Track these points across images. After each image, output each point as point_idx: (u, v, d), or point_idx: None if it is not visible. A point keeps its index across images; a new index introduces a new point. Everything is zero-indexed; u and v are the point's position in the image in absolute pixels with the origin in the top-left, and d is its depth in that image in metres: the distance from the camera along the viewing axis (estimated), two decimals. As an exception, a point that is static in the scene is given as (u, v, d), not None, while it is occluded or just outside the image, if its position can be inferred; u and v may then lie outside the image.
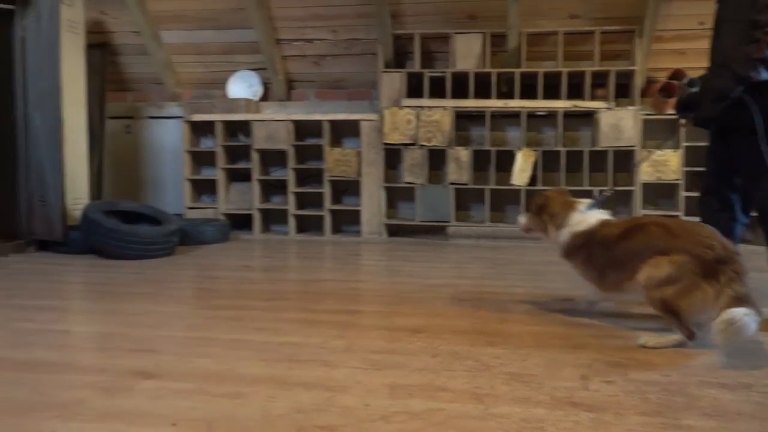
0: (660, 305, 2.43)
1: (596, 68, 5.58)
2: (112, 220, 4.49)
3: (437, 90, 5.77)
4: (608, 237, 2.66)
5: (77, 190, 4.93)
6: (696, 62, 5.58)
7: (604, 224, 2.76)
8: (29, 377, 1.98)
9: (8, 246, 4.67)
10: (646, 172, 5.48)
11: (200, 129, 6.39)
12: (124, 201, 5.24)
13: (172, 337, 2.46)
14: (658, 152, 4.35)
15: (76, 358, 2.18)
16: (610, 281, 2.68)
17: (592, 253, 2.71)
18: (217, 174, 6.12)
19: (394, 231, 6.07)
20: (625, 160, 5.64)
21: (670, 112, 5.12)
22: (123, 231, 4.42)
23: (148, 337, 2.45)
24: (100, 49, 6.30)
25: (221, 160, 6.10)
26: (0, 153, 4.61)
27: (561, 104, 5.56)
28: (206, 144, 6.42)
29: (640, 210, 5.51)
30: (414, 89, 5.86)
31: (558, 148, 5.59)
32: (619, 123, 5.45)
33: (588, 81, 5.57)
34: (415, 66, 5.82)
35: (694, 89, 3.55)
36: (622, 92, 5.71)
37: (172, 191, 6.58)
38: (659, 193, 5.79)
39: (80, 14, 4.94)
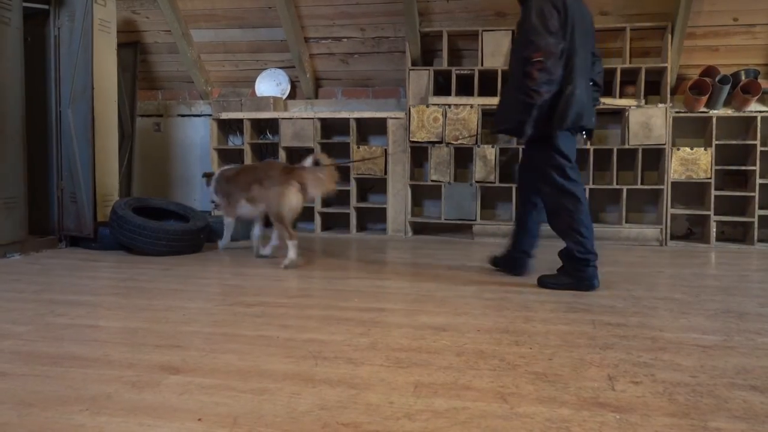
0: (275, 218, 4.16)
1: (626, 65, 5.52)
2: (140, 216, 4.55)
3: (465, 88, 5.76)
4: (229, 176, 4.54)
5: (107, 187, 5.01)
6: (729, 59, 5.51)
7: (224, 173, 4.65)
8: (59, 371, 2.02)
9: (41, 242, 4.75)
10: (675, 171, 5.41)
11: (228, 127, 6.45)
12: (153, 198, 5.31)
13: (199, 333, 2.48)
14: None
15: (105, 353, 2.21)
16: (231, 203, 4.51)
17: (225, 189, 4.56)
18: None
19: (419, 229, 6.06)
20: (654, 158, 5.57)
21: (702, 109, 5.14)
22: (151, 228, 4.47)
23: (175, 333, 2.48)
24: (132, 48, 6.38)
25: (249, 157, 6.15)
26: (33, 150, 4.70)
27: (590, 102, 5.50)
28: (234, 142, 6.47)
29: (669, 209, 5.44)
30: (441, 87, 5.85)
31: (586, 146, 5.53)
32: (649, 121, 5.39)
33: (618, 78, 5.51)
34: (443, 64, 5.81)
35: (727, 86, 3.53)
36: (653, 90, 5.64)
37: (200, 188, 6.65)
38: (689, 191, 5.71)
39: (112, 13, 5.02)
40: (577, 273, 3.44)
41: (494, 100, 5.60)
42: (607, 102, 5.49)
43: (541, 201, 3.68)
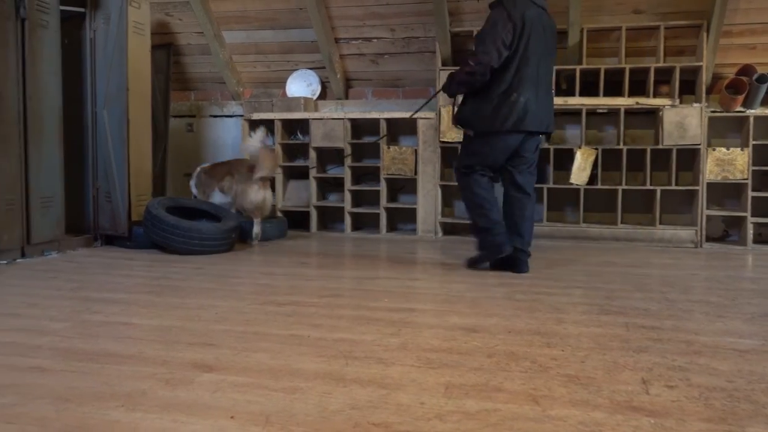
0: (239, 208, 5.15)
1: (660, 64, 5.44)
2: (174, 216, 4.61)
3: (495, 88, 5.71)
4: (208, 171, 5.41)
5: (141, 186, 5.08)
6: (766, 57, 5.40)
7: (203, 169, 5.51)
8: (95, 367, 2.05)
9: (77, 240, 4.84)
10: (711, 171, 5.32)
11: (259, 127, 6.49)
12: (186, 198, 5.37)
13: (231, 332, 2.50)
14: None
15: (140, 350, 2.24)
16: (209, 188, 5.30)
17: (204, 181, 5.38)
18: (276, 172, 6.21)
19: (449, 230, 6.04)
20: (689, 158, 5.48)
21: (738, 109, 5.11)
22: (184, 227, 4.52)
23: (207, 331, 2.51)
24: (165, 50, 6.46)
25: (280, 158, 6.19)
26: (70, 151, 4.78)
27: (623, 101, 5.44)
28: (265, 142, 6.51)
29: (704, 211, 5.35)
30: (472, 87, 5.82)
31: (619, 147, 5.47)
32: (684, 121, 5.30)
33: (651, 77, 5.44)
34: (473, 64, 5.77)
35: (765, 85, 3.52)
36: (687, 89, 5.55)
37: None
38: (725, 192, 5.62)
39: (146, 16, 5.09)
40: (486, 243, 3.94)
41: (525, 100, 5.57)
42: (641, 101, 5.42)
43: (522, 194, 4.00)
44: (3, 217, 4.08)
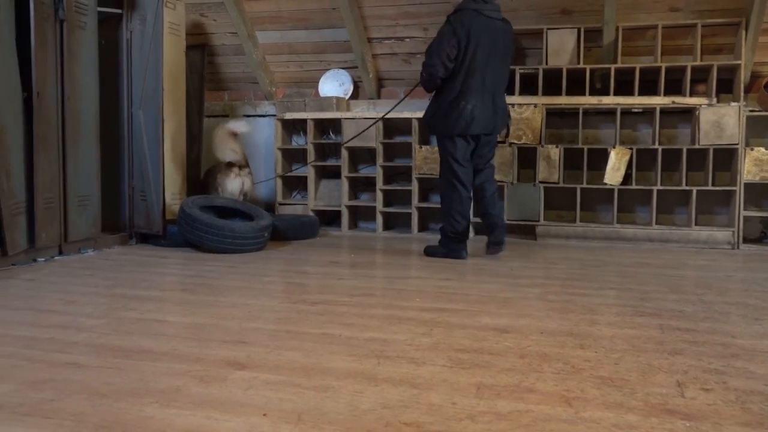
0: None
1: (697, 63, 5.35)
2: (207, 215, 4.66)
3: (528, 87, 5.68)
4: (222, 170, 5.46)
5: (176, 185, 5.14)
6: (808, 55, 5.27)
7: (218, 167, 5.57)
8: (130, 364, 2.08)
9: (112, 238, 4.92)
10: (749, 172, 5.21)
11: (292, 127, 6.53)
12: (219, 197, 5.42)
13: (263, 330, 2.53)
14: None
15: (174, 347, 2.27)
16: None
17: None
18: (308, 171, 6.24)
19: (481, 229, 6.00)
20: (727, 158, 5.38)
21: None
22: (218, 226, 4.57)
23: (240, 329, 2.53)
24: (199, 50, 6.53)
25: (312, 157, 6.22)
26: (106, 150, 4.86)
27: (658, 101, 5.36)
28: (298, 141, 6.56)
29: (741, 211, 5.24)
30: (504, 86, 5.79)
31: (654, 146, 5.39)
32: (721, 120, 5.21)
33: (688, 76, 5.35)
34: (506, 63, 5.74)
35: None
36: (725, 88, 5.45)
37: (264, 187, 6.75)
38: (763, 193, 5.50)
39: (181, 17, 5.15)
40: (448, 246, 4.50)
41: (558, 100, 5.53)
42: (677, 101, 5.34)
43: (482, 184, 4.47)
44: (41, 215, 4.16)
